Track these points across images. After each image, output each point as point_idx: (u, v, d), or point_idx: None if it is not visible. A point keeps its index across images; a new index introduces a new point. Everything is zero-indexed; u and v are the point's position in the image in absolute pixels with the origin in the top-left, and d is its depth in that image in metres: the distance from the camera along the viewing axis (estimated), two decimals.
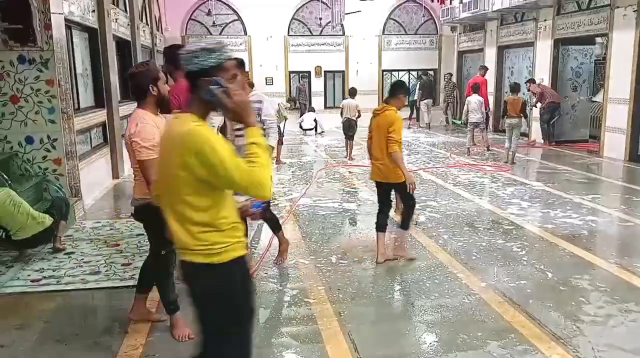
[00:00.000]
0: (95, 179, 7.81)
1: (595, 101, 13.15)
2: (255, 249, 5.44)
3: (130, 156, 3.40)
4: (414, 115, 17.93)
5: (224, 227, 2.10)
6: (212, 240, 2.08)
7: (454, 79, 17.34)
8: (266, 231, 6.05)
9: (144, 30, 13.38)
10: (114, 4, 9.80)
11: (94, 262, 4.98)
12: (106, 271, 4.74)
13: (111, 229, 6.04)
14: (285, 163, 10.50)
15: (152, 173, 3.22)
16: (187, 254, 2.12)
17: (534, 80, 12.78)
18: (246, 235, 4.84)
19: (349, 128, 10.79)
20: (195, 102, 2.11)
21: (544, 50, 13.02)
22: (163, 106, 3.47)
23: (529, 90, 12.47)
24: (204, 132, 2.00)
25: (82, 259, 5.06)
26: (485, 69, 13.93)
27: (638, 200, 7.37)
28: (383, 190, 5.10)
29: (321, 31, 19.24)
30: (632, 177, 9.14)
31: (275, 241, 5.25)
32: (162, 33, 17.08)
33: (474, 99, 11.12)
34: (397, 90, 5.02)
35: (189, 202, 2.05)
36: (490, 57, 15.56)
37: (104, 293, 4.38)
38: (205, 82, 2.04)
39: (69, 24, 7.35)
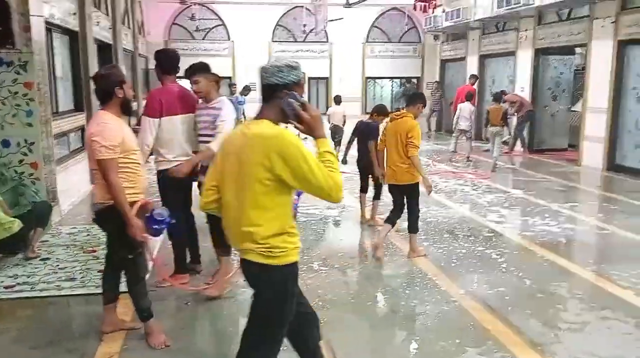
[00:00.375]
0: (73, 183, 7.69)
1: (575, 110, 13.36)
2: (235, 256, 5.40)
3: (89, 158, 3.36)
4: None
5: (286, 229, 2.26)
6: (274, 244, 2.23)
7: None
8: None
9: (125, 34, 13.26)
10: (96, 7, 9.72)
11: (69, 268, 4.89)
12: (82, 278, 4.65)
13: (88, 235, 5.95)
14: None
15: (113, 174, 3.20)
16: (248, 253, 2.27)
17: (505, 92, 12.95)
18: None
19: (336, 133, 11.24)
20: (272, 110, 2.29)
21: (524, 59, 13.20)
22: (127, 110, 3.46)
23: (504, 102, 12.57)
24: (290, 136, 2.19)
25: (58, 265, 4.96)
26: (476, 77, 14.11)
27: (615, 208, 7.48)
28: (397, 193, 5.33)
29: (305, 38, 19.29)
30: (609, 185, 9.29)
31: None
32: (144, 37, 16.96)
33: (467, 106, 11.27)
34: (417, 100, 5.36)
35: (259, 202, 2.20)
36: (472, 65, 15.73)
37: (79, 300, 4.30)
38: (284, 94, 2.25)
39: (50, 27, 7.25)
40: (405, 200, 5.28)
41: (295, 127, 2.29)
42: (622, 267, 5.04)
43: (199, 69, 4.29)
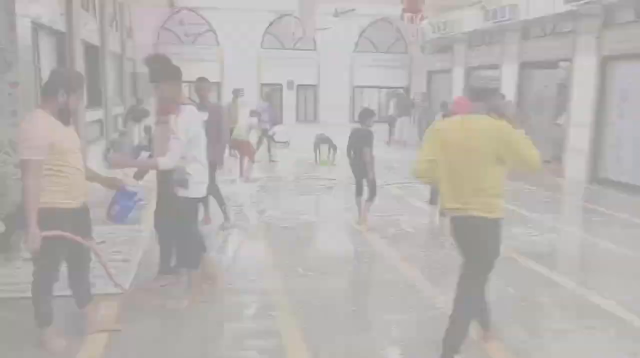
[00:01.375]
0: None
1: (558, 123, 13.55)
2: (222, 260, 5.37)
3: None
4: (394, 135, 17.63)
5: (500, 191, 3.10)
6: (492, 202, 3.07)
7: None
8: (233, 241, 6.01)
9: (113, 37, 13.20)
10: (84, 9, 9.67)
11: None
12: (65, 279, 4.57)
13: None
14: (257, 180, 10.16)
15: (30, 177, 3.00)
16: (472, 210, 3.07)
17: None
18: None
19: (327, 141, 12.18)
20: (484, 108, 3.16)
21: (509, 72, 13.38)
22: (62, 117, 3.21)
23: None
24: (507, 126, 3.04)
25: None
26: None
27: (597, 220, 7.59)
28: None
29: (294, 45, 19.36)
30: (592, 197, 9.42)
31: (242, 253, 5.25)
32: (132, 40, 16.88)
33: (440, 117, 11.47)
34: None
35: (486, 171, 3.03)
36: (458, 77, 15.90)
37: (62, 302, 4.21)
38: (498, 96, 3.22)
39: (36, 27, 7.20)
40: None
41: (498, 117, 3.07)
42: (604, 277, 5.12)
43: (159, 76, 3.89)
